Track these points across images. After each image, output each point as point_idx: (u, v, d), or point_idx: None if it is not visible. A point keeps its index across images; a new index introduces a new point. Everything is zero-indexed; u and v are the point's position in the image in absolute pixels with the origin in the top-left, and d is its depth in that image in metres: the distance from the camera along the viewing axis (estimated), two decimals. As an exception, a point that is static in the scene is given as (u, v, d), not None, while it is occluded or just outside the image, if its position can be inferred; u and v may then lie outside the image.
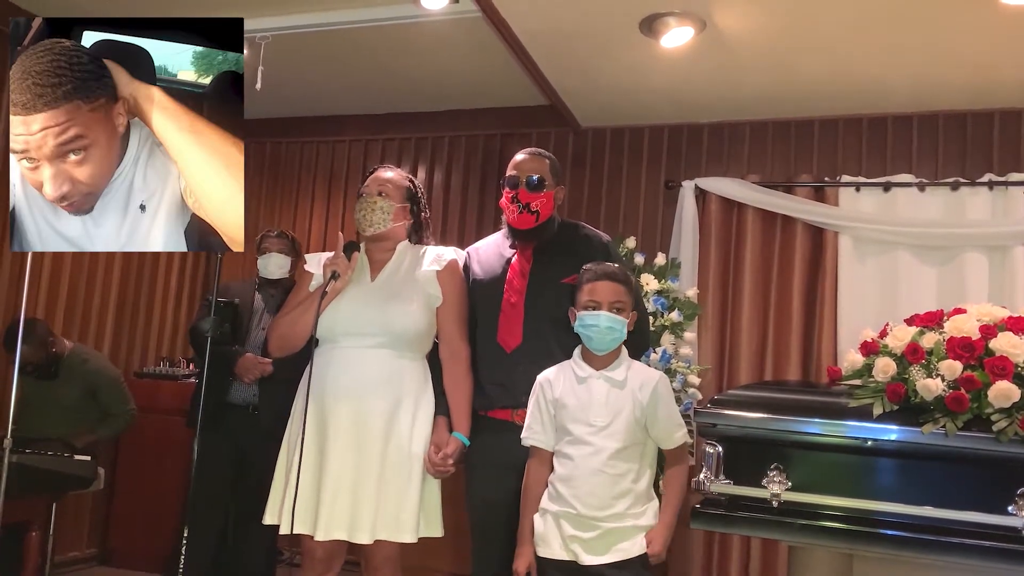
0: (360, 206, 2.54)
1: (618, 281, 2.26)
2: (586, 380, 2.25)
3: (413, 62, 4.33)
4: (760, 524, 2.33)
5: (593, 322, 2.21)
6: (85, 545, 4.58)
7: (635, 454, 2.23)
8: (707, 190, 4.46)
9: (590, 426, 2.20)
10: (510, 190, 2.54)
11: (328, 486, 2.33)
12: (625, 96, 4.33)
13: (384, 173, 2.61)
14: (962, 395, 2.19)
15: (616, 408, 2.21)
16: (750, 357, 4.33)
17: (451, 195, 5.07)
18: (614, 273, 2.27)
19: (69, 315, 4.44)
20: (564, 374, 2.30)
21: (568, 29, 3.56)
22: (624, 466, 2.19)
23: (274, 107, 5.15)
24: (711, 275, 4.41)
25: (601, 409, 2.21)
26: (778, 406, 2.46)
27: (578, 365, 2.29)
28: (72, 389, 3.90)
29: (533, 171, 2.53)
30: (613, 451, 2.18)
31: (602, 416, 2.20)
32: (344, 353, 2.43)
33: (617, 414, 2.21)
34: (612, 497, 2.17)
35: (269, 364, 3.46)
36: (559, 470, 2.24)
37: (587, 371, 2.27)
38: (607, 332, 2.21)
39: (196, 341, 3.76)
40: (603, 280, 2.25)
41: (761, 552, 4.17)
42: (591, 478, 2.17)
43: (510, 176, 2.55)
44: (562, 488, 2.20)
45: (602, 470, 2.17)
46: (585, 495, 2.17)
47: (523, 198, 2.50)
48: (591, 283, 2.26)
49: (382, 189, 2.56)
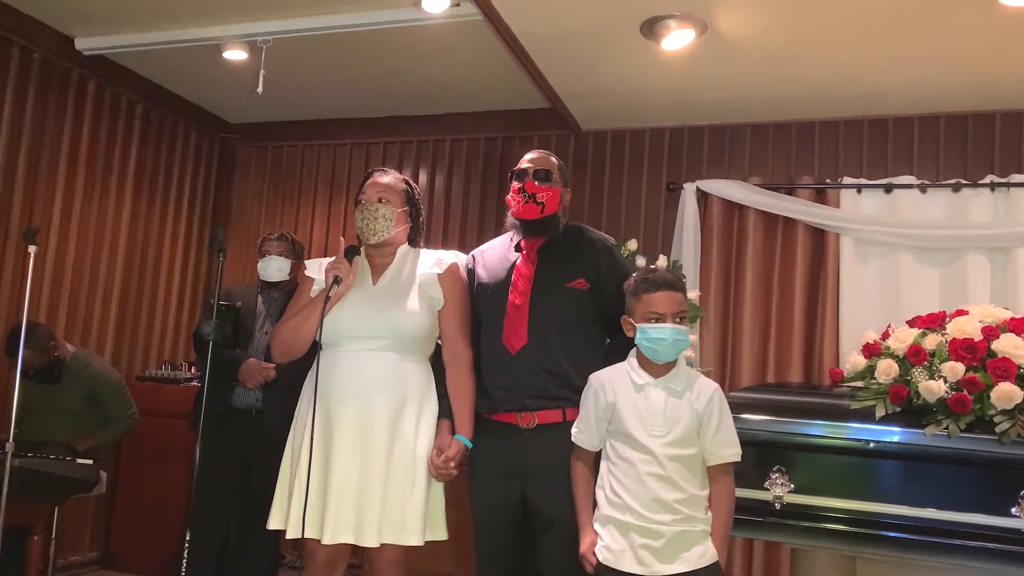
0: (362, 215, 2.53)
1: (677, 290, 2.23)
2: (643, 388, 2.21)
3: (414, 65, 4.33)
4: (763, 526, 2.33)
5: (660, 336, 2.17)
6: (87, 549, 4.58)
7: (695, 461, 2.18)
8: (708, 192, 4.46)
9: (649, 435, 2.16)
10: (517, 182, 2.56)
11: (334, 489, 2.33)
12: (626, 98, 4.34)
13: (382, 178, 2.60)
14: (964, 397, 2.19)
15: (675, 417, 2.17)
16: (752, 359, 4.32)
17: (452, 198, 5.08)
18: (674, 282, 2.24)
19: (71, 319, 4.44)
20: (620, 379, 2.26)
21: (569, 31, 3.56)
22: (685, 473, 2.15)
23: (275, 110, 5.16)
24: (713, 277, 4.40)
25: (659, 418, 2.17)
26: (780, 408, 2.46)
27: (635, 372, 2.25)
28: (74, 393, 3.90)
29: (542, 165, 2.57)
30: (673, 458, 2.14)
31: (660, 424, 2.16)
32: (348, 356, 2.42)
33: (676, 423, 2.17)
34: (674, 502, 2.12)
35: (273, 369, 3.46)
36: (620, 476, 2.19)
37: (645, 379, 2.22)
38: (673, 345, 2.18)
39: (198, 345, 3.77)
40: (664, 290, 2.21)
41: (764, 554, 4.16)
42: (653, 483, 2.13)
43: (518, 169, 2.59)
44: (625, 495, 2.16)
45: (664, 476, 2.13)
46: (649, 501, 2.12)
47: (529, 188, 2.52)
48: (649, 294, 2.21)
49: (382, 196, 2.55)
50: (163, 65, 4.58)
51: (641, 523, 2.11)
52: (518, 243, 2.60)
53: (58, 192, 4.35)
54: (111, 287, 4.70)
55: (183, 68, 4.59)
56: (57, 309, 4.36)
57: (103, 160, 4.62)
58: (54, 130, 4.32)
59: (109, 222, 4.67)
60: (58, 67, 4.32)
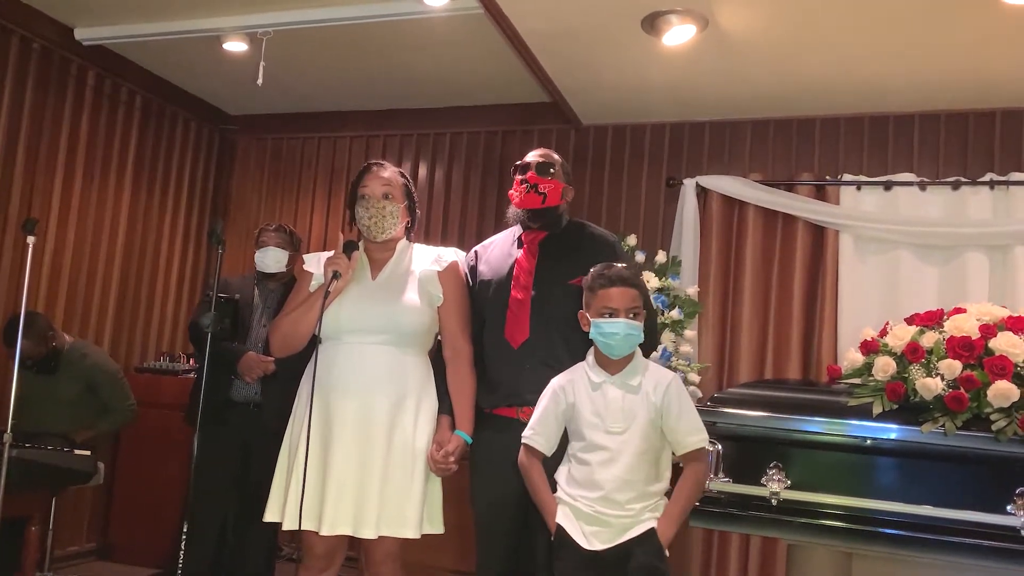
0: (368, 212, 2.51)
1: (632, 286, 2.24)
2: (601, 386, 2.24)
3: (415, 58, 4.32)
4: (759, 522, 2.34)
5: (612, 330, 2.19)
6: (85, 539, 4.59)
7: (652, 458, 2.22)
8: (708, 188, 4.46)
9: (606, 432, 2.19)
10: (520, 175, 2.60)
11: (333, 481, 2.33)
12: (627, 93, 4.33)
13: (383, 172, 2.59)
14: (961, 394, 2.19)
15: (631, 413, 2.20)
16: (750, 355, 4.33)
17: (452, 192, 5.07)
18: (628, 278, 2.25)
19: (69, 310, 4.44)
20: (578, 380, 2.29)
21: (570, 26, 3.56)
22: (641, 471, 2.19)
23: (275, 103, 5.15)
24: (712, 273, 4.40)
25: (617, 415, 2.20)
26: (778, 404, 2.46)
27: (592, 370, 2.27)
28: (72, 384, 3.90)
29: (544, 158, 2.61)
30: (630, 456, 2.17)
31: (618, 422, 2.19)
32: (348, 349, 2.43)
33: (633, 419, 2.20)
34: (628, 501, 2.17)
35: (271, 362, 3.46)
36: (576, 475, 2.23)
37: (602, 376, 2.25)
38: (625, 339, 2.20)
39: (196, 337, 3.77)
40: (618, 286, 2.22)
41: (760, 550, 4.17)
42: (608, 483, 2.16)
43: (522, 163, 2.63)
44: (578, 492, 2.20)
45: (619, 475, 2.16)
46: (602, 499, 2.16)
47: (532, 179, 2.55)
48: (605, 289, 2.23)
49: (388, 192, 2.54)
50: (163, 56, 4.57)
51: (593, 513, 2.17)
52: (519, 237, 2.61)
53: (57, 183, 4.34)
54: (110, 278, 4.69)
55: (183, 59, 4.58)
56: (56, 300, 4.36)
57: (102, 151, 4.61)
58: (53, 120, 4.31)
59: (108, 213, 4.66)
60: (58, 57, 4.31)
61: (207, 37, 4.12)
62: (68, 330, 4.22)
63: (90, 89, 4.52)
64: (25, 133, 4.15)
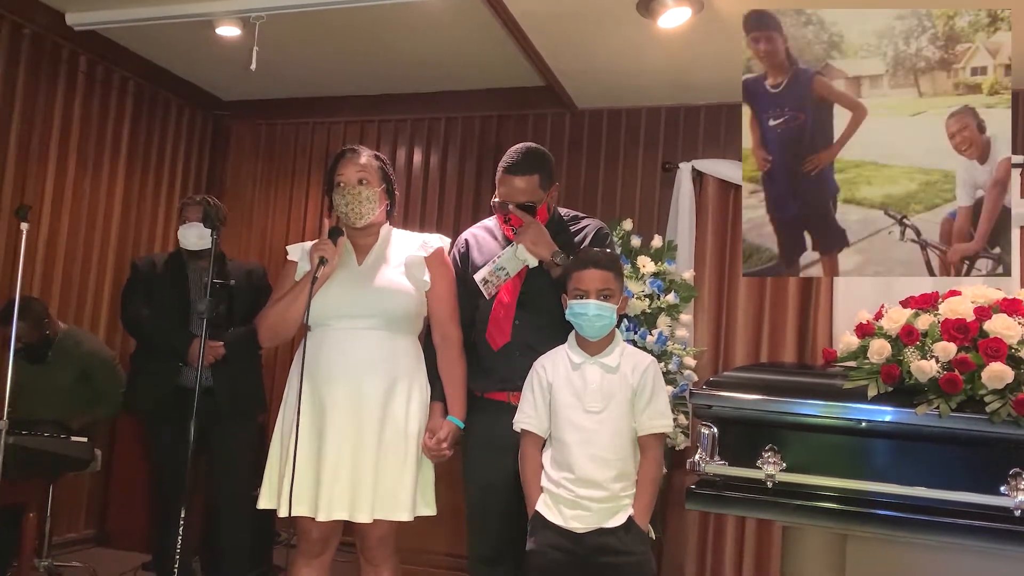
0: (344, 199, 2.48)
1: (604, 268, 2.27)
2: (580, 366, 2.28)
3: (409, 42, 4.30)
4: (755, 505, 2.34)
5: (582, 311, 2.24)
6: (82, 526, 4.60)
7: (631, 438, 2.26)
8: (704, 172, 4.45)
9: (585, 412, 2.23)
10: (501, 213, 2.55)
11: (328, 466, 2.34)
12: (622, 77, 4.31)
13: (358, 158, 2.53)
14: (956, 376, 2.19)
15: (609, 393, 2.24)
16: (746, 339, 4.33)
17: (447, 177, 5.06)
18: (600, 260, 2.29)
19: (64, 297, 4.43)
20: (559, 360, 2.32)
21: (565, 9, 3.54)
22: (620, 450, 2.22)
23: (269, 88, 5.12)
24: (708, 257, 4.41)
25: (596, 395, 2.24)
26: (773, 387, 2.46)
27: (572, 351, 2.31)
28: (66, 371, 3.89)
29: (522, 195, 2.51)
30: (608, 435, 2.21)
31: (596, 402, 2.23)
32: (337, 335, 2.42)
33: (611, 399, 2.24)
34: (607, 480, 2.20)
35: (221, 347, 3.48)
36: (555, 455, 2.26)
37: (581, 357, 2.29)
38: (595, 320, 2.24)
39: (133, 328, 3.72)
40: (589, 268, 2.27)
41: (756, 532, 4.20)
42: (587, 463, 2.20)
43: (499, 202, 2.54)
44: (557, 474, 2.23)
45: (597, 455, 2.20)
46: (581, 480, 2.19)
47: (515, 222, 2.51)
48: (578, 271, 2.28)
49: (363, 177, 2.50)
50: (155, 41, 4.53)
51: (571, 497, 2.20)
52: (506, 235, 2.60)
53: (50, 169, 4.32)
54: (104, 265, 4.68)
55: (175, 44, 4.55)
56: (50, 287, 4.35)
57: (95, 137, 4.59)
58: (45, 106, 4.29)
59: (102, 199, 4.65)
60: (49, 42, 4.27)
61: (200, 22, 4.08)
62: (63, 317, 4.21)
63: (82, 75, 4.49)
64: (17, 119, 4.12)
